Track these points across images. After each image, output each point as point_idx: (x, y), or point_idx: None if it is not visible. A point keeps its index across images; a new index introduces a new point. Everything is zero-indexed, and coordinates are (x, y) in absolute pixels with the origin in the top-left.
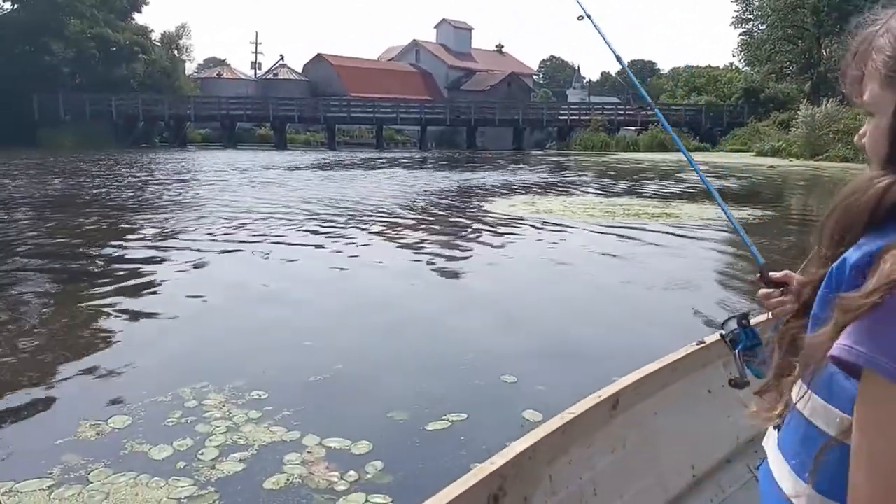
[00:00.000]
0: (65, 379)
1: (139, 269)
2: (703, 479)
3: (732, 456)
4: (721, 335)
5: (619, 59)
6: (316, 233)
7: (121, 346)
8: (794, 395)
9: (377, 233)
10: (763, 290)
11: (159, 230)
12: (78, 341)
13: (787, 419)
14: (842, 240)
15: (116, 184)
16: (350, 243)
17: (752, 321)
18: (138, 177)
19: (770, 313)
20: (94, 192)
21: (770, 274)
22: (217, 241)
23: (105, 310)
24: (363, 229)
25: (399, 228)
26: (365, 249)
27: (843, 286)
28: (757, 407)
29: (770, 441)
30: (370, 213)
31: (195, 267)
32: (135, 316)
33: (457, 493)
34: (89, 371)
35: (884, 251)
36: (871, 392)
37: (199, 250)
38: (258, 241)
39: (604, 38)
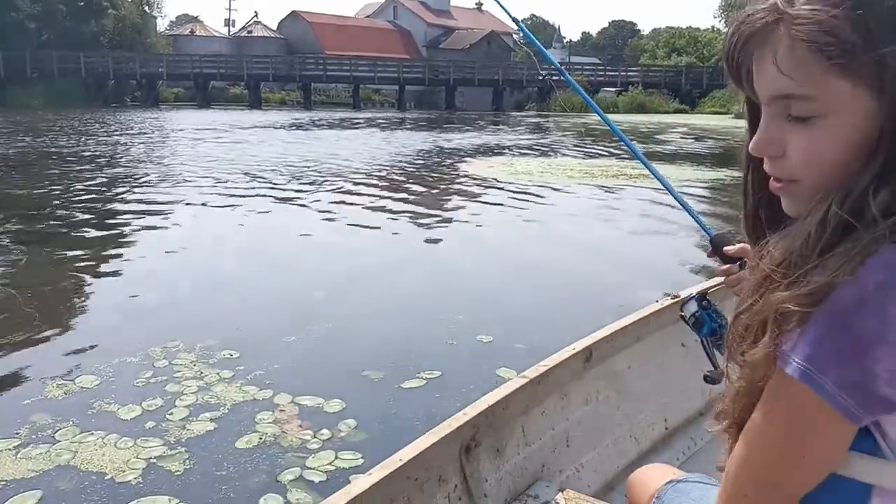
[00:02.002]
0: (32, 338)
1: (109, 228)
2: (675, 431)
3: (705, 409)
4: (682, 318)
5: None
6: (292, 193)
7: (90, 306)
8: None
9: (353, 193)
10: (723, 267)
11: (131, 190)
12: (45, 300)
13: None
14: None
15: (90, 143)
16: (326, 203)
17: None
18: (113, 137)
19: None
20: (68, 151)
21: (724, 248)
22: (189, 199)
23: (73, 268)
24: (340, 190)
25: (376, 189)
26: (341, 210)
27: None
28: None
29: None
30: (348, 174)
31: (167, 226)
32: (104, 274)
33: (429, 443)
34: (57, 330)
35: None
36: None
37: (170, 209)
38: (232, 201)
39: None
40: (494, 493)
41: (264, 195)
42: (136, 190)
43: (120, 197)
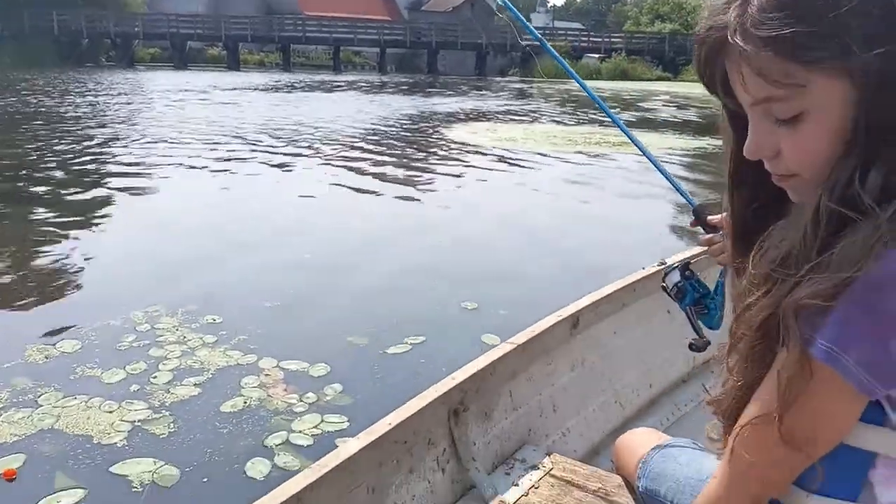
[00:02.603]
0: (11, 302)
1: (93, 190)
2: (660, 397)
3: (689, 375)
4: (664, 289)
5: None
6: (279, 157)
7: (70, 269)
8: None
9: (333, 158)
10: (706, 236)
11: (116, 153)
12: (24, 264)
13: None
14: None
15: (71, 103)
16: (312, 168)
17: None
18: (88, 97)
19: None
20: (42, 111)
21: (708, 217)
22: (175, 162)
23: (52, 232)
24: (325, 154)
25: (357, 154)
26: (325, 175)
27: None
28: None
29: None
30: (333, 138)
31: (151, 189)
32: (86, 238)
33: (418, 407)
34: (36, 294)
35: None
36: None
37: (156, 172)
38: (219, 164)
39: None
40: (482, 457)
41: (252, 158)
42: (121, 152)
43: (104, 159)
